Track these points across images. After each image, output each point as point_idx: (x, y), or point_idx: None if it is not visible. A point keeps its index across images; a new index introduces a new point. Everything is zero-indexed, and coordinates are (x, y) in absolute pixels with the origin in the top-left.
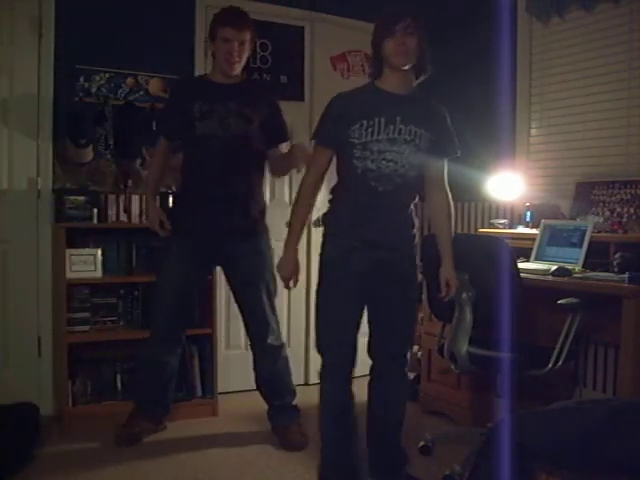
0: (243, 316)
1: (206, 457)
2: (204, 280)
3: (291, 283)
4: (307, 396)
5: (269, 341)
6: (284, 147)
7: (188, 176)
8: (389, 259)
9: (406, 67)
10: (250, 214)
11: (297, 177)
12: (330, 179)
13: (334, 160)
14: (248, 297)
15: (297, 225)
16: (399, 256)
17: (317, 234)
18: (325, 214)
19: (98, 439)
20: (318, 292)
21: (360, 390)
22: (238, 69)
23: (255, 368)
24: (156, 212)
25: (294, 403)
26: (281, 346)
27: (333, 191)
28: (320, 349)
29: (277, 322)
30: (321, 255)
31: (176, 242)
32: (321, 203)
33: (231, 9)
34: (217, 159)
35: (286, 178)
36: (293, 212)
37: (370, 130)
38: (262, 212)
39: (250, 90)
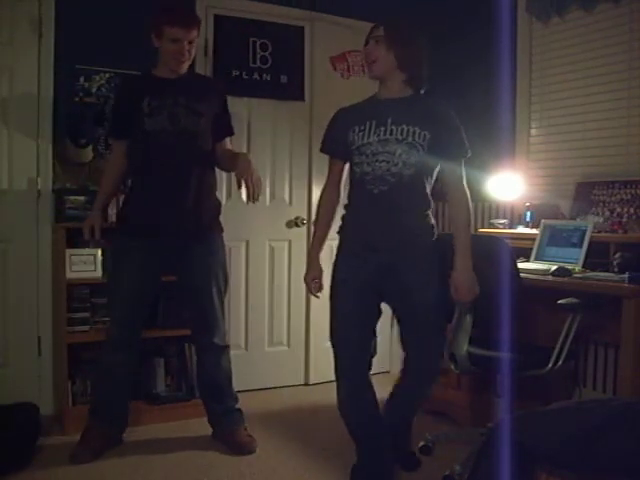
0: (191, 316)
1: (205, 457)
2: (157, 282)
3: (314, 289)
4: (307, 396)
5: (215, 340)
6: (228, 141)
7: (137, 174)
8: (389, 262)
9: (374, 76)
10: (202, 212)
11: (297, 177)
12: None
13: None
14: (199, 298)
15: (318, 232)
16: (400, 260)
17: None
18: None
19: None
20: (330, 296)
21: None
22: (186, 67)
23: (198, 371)
24: (96, 218)
25: (237, 407)
26: (226, 347)
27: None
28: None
29: (224, 323)
30: (334, 262)
31: (126, 244)
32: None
33: (178, 6)
34: (167, 154)
35: (286, 178)
36: (315, 221)
37: (361, 134)
38: (215, 209)
39: (198, 84)
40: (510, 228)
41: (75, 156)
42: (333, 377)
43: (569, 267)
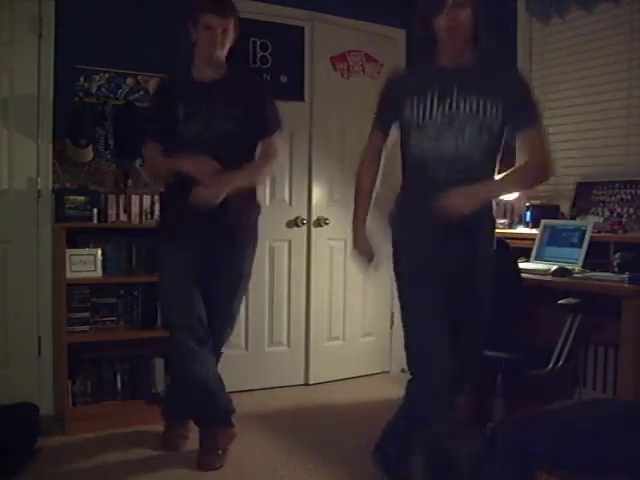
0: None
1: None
2: (202, 284)
3: (371, 263)
4: (307, 396)
5: (222, 350)
6: (277, 137)
7: (174, 181)
8: (467, 243)
9: (458, 47)
10: (238, 217)
11: (297, 177)
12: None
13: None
14: (220, 300)
15: (361, 197)
16: (478, 239)
17: (317, 234)
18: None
19: (98, 439)
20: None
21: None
22: (220, 56)
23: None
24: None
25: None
26: (220, 355)
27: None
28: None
29: (233, 330)
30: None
31: (166, 250)
32: (320, 202)
33: None
34: None
35: (286, 178)
36: (356, 185)
37: (422, 108)
38: (252, 213)
39: (234, 85)
40: (510, 228)
41: (75, 156)
42: (333, 377)
43: (569, 267)
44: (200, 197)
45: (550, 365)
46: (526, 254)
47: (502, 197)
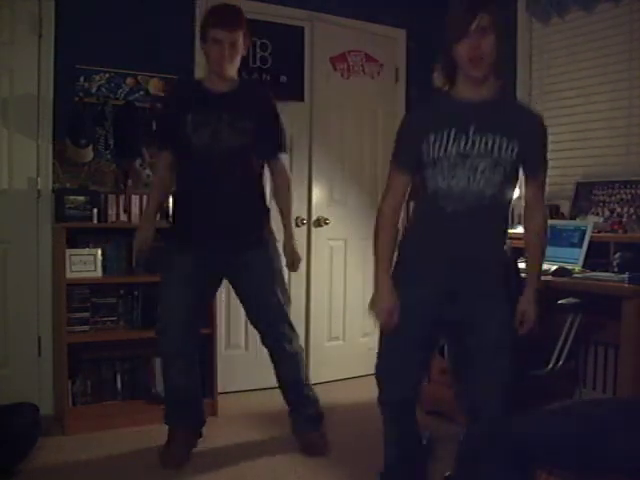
0: (258, 328)
1: (206, 457)
2: (204, 297)
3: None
4: None
5: (287, 349)
6: (284, 159)
7: (181, 188)
8: (453, 291)
9: (480, 76)
10: (250, 225)
11: (297, 177)
12: None
13: None
14: (260, 306)
15: (384, 257)
16: (487, 297)
17: (317, 234)
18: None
19: (98, 439)
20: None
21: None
22: (231, 71)
23: (277, 375)
24: (147, 240)
25: (319, 410)
26: (301, 352)
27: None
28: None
29: (292, 329)
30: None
31: (172, 260)
32: (320, 202)
33: (222, 8)
34: (211, 171)
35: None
36: (375, 247)
37: (437, 145)
38: (264, 220)
39: (245, 97)
40: (510, 228)
41: (75, 156)
42: (333, 377)
43: (569, 267)
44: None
45: (550, 365)
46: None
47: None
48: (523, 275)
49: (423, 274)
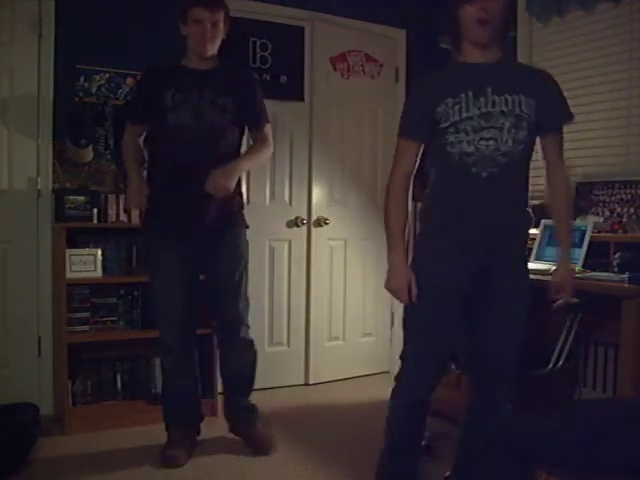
0: (215, 310)
1: (206, 457)
2: (196, 280)
3: (409, 295)
4: (307, 396)
5: (241, 335)
6: (269, 129)
7: (158, 168)
8: (499, 265)
9: (486, 41)
10: (226, 207)
11: (297, 177)
12: None
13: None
14: (222, 288)
15: (397, 230)
16: (512, 261)
17: (317, 234)
18: (421, 213)
19: (98, 439)
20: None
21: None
22: (212, 50)
23: (221, 365)
24: (142, 186)
25: (253, 403)
26: (252, 342)
27: (429, 189)
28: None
29: (248, 316)
30: (413, 260)
31: (160, 250)
32: (320, 202)
33: None
34: (190, 150)
35: (286, 178)
36: (387, 220)
37: (457, 107)
38: (238, 204)
39: (227, 76)
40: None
41: (75, 156)
42: (333, 377)
43: None
44: (214, 186)
45: (550, 365)
46: None
47: None
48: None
49: (456, 250)
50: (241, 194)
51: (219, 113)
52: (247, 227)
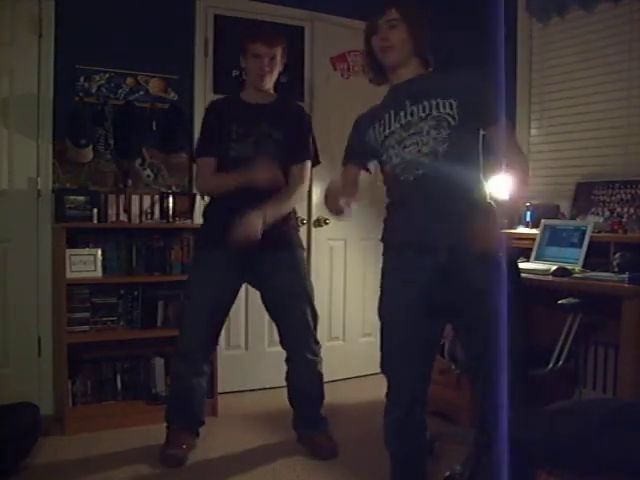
0: (280, 329)
1: (206, 457)
2: (234, 296)
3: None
4: None
5: (307, 355)
6: (307, 165)
7: (220, 196)
8: (450, 263)
9: (389, 64)
10: (282, 226)
11: None
12: None
13: None
14: (287, 311)
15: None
16: (463, 258)
17: (317, 234)
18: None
19: (98, 439)
20: (379, 314)
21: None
22: (269, 83)
23: (288, 380)
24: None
25: (322, 413)
26: (319, 361)
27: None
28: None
29: (315, 335)
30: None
31: (208, 257)
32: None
33: (261, 24)
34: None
35: None
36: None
37: (382, 128)
38: (294, 225)
39: (282, 111)
40: (510, 228)
41: (75, 156)
42: (333, 377)
43: (569, 267)
44: (241, 234)
45: (550, 365)
46: (526, 254)
47: (502, 197)
48: (523, 275)
49: (407, 259)
50: (295, 216)
51: (274, 146)
52: (303, 249)
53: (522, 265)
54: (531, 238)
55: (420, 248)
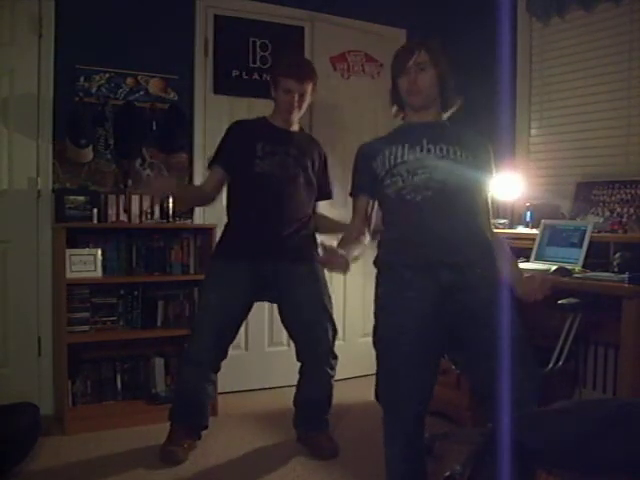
0: (297, 343)
1: (206, 457)
2: (248, 309)
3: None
4: None
5: (325, 368)
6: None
7: (239, 209)
8: (459, 281)
9: (416, 107)
10: (303, 241)
11: None
12: None
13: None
14: (307, 327)
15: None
16: (473, 276)
17: (317, 234)
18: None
19: (98, 439)
20: (373, 340)
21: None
22: (296, 117)
23: (298, 386)
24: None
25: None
26: (333, 376)
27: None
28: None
29: (334, 353)
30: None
31: (227, 267)
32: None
33: (295, 58)
34: (271, 195)
35: None
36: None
37: (393, 156)
38: (314, 240)
39: (307, 141)
40: (510, 228)
41: (75, 156)
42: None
43: (569, 267)
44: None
45: (550, 365)
46: (526, 254)
47: (502, 197)
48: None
49: (411, 277)
50: (315, 236)
51: (300, 170)
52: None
53: (522, 265)
54: (531, 238)
55: (421, 268)
